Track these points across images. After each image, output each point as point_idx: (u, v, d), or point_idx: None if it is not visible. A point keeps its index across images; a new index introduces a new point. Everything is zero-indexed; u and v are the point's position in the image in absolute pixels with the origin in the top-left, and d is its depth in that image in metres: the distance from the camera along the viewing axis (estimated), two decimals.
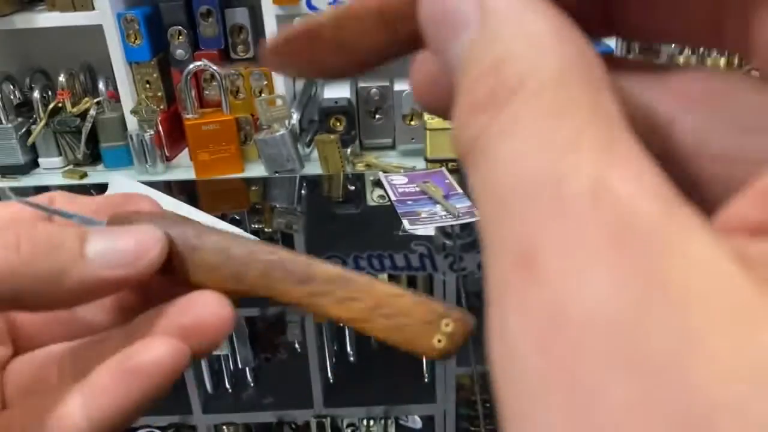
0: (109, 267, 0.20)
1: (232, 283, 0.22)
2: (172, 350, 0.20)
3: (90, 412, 0.20)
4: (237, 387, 0.72)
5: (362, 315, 0.21)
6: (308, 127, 1.22)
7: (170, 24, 1.20)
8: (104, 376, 0.20)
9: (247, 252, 0.22)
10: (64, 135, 1.23)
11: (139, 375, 0.20)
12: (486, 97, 0.11)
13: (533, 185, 0.10)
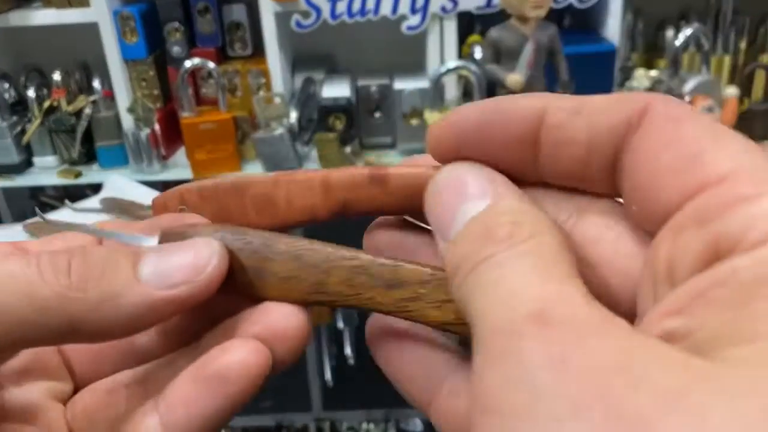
0: (165, 287, 0.19)
1: (312, 294, 0.21)
2: (253, 352, 0.19)
3: (169, 426, 0.20)
4: None
5: (461, 318, 0.19)
6: (307, 125, 1.20)
7: (167, 21, 1.19)
8: (180, 387, 0.20)
9: (325, 258, 0.20)
10: (59, 134, 1.22)
11: (218, 380, 0.19)
12: (500, 233, 0.15)
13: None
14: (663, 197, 0.15)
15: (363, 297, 0.20)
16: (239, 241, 0.21)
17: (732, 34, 1.22)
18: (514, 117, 0.18)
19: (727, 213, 0.13)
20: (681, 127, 0.15)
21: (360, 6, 1.13)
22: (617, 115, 0.16)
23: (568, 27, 1.25)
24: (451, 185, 0.18)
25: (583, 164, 0.17)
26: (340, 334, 0.78)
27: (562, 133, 0.17)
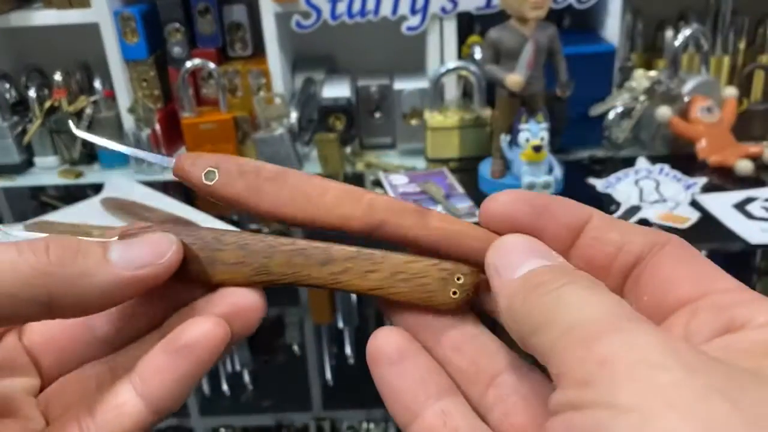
0: (130, 269, 0.22)
1: (256, 275, 0.24)
2: (216, 325, 0.23)
3: (145, 394, 0.23)
4: (235, 389, 0.71)
5: (383, 283, 0.24)
6: (307, 125, 1.20)
7: (167, 21, 1.19)
8: (153, 359, 0.23)
9: (267, 245, 0.24)
10: (60, 134, 1.22)
11: (188, 350, 0.22)
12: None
13: None
14: (677, 293, 0.21)
15: (300, 274, 0.24)
16: (192, 236, 0.24)
17: (731, 34, 1.22)
18: (566, 216, 0.23)
19: (735, 308, 0.19)
20: (693, 255, 0.22)
21: (360, 7, 1.13)
22: (648, 237, 0.23)
23: (567, 27, 1.25)
24: (526, 243, 0.23)
25: (608, 260, 0.23)
26: (340, 333, 0.79)
27: (602, 234, 0.23)
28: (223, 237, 0.24)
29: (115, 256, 0.22)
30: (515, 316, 0.21)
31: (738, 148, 1.08)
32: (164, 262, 0.23)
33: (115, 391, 0.23)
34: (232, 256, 0.24)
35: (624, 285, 0.23)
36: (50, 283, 0.21)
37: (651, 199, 0.99)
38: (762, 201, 0.97)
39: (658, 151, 1.15)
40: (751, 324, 0.19)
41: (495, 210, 0.24)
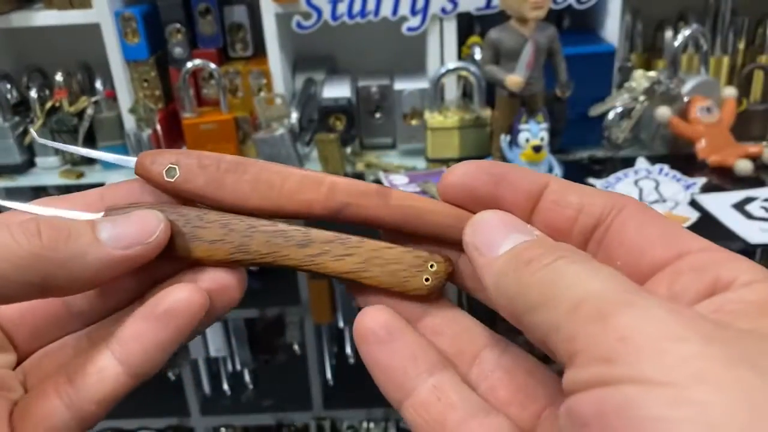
0: (121, 247, 0.22)
1: (237, 253, 0.24)
2: (195, 291, 0.23)
3: (124, 359, 0.23)
4: (235, 389, 0.71)
5: (358, 267, 0.25)
6: (308, 126, 1.21)
7: (168, 22, 1.19)
8: (131, 325, 0.23)
9: (248, 225, 0.25)
10: (62, 134, 1.22)
11: (168, 316, 0.23)
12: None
13: None
14: (650, 257, 0.21)
15: (278, 254, 0.25)
16: (175, 214, 0.25)
17: (730, 34, 1.22)
18: (524, 182, 0.23)
19: (717, 267, 0.19)
20: (655, 216, 0.22)
21: (360, 7, 1.14)
22: (607, 199, 0.23)
23: (567, 28, 1.25)
24: (502, 219, 0.23)
25: (569, 223, 0.23)
26: (340, 333, 0.79)
27: (560, 197, 0.23)
28: (205, 215, 0.25)
29: (105, 235, 0.22)
30: (507, 294, 0.21)
31: (737, 148, 1.09)
32: (153, 241, 0.23)
33: (94, 357, 0.23)
34: (212, 234, 0.24)
35: (586, 247, 0.23)
36: (43, 266, 0.21)
37: (650, 199, 0.99)
38: (761, 201, 0.97)
39: (658, 151, 1.15)
40: (737, 283, 0.19)
41: (454, 182, 0.24)
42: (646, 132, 1.17)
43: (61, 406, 0.23)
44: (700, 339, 0.16)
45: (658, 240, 0.21)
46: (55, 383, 0.23)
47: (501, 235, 0.22)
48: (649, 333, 0.16)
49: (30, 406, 0.23)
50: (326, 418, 0.67)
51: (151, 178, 0.25)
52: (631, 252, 0.22)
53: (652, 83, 1.10)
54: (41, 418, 0.23)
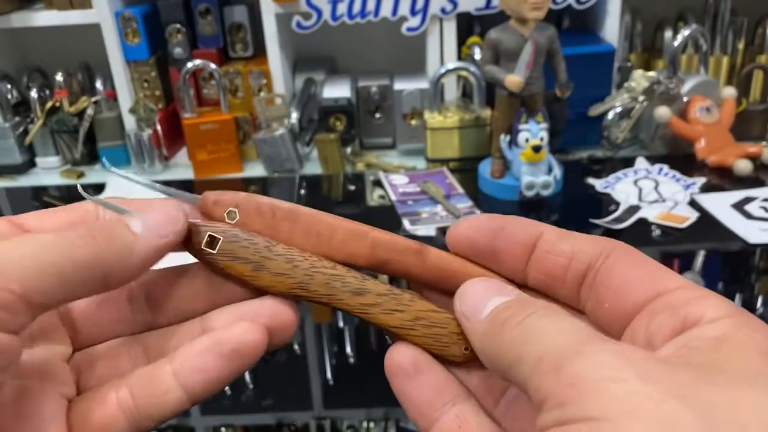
0: (158, 237, 0.25)
1: (296, 289, 0.26)
2: (260, 334, 0.25)
3: (188, 387, 0.25)
4: (236, 389, 0.71)
5: (406, 324, 0.26)
6: (308, 126, 1.21)
7: (168, 22, 1.20)
8: (200, 357, 0.25)
9: (310, 264, 0.26)
10: (62, 134, 1.22)
11: (233, 355, 0.25)
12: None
13: None
14: (633, 298, 0.23)
15: (334, 297, 0.26)
16: (247, 240, 0.26)
17: (730, 35, 1.22)
18: (519, 234, 0.26)
19: (688, 306, 0.21)
20: (640, 258, 0.24)
21: (360, 7, 1.14)
22: (596, 245, 0.25)
23: (566, 28, 1.25)
24: (483, 285, 0.25)
25: (562, 270, 0.25)
26: (341, 333, 0.79)
27: (553, 246, 0.25)
28: (273, 247, 0.26)
29: (139, 229, 0.25)
30: (489, 355, 0.23)
31: (737, 148, 1.09)
32: (181, 228, 0.26)
33: (159, 379, 0.25)
34: (278, 266, 0.26)
35: (579, 292, 0.25)
36: (103, 263, 0.24)
37: (650, 199, 0.99)
38: (761, 201, 0.97)
39: (657, 151, 1.16)
40: (703, 320, 0.21)
41: (458, 235, 0.27)
42: (646, 132, 1.17)
43: (122, 418, 0.25)
44: (637, 378, 0.18)
45: (639, 281, 0.23)
46: (116, 394, 0.25)
47: (483, 300, 0.24)
48: (592, 377, 0.18)
49: (91, 411, 0.25)
50: (326, 417, 0.67)
51: (213, 217, 0.28)
52: (617, 294, 0.23)
53: (652, 83, 1.10)
54: (101, 426, 0.25)
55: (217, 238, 0.27)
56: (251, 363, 0.26)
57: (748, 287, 0.81)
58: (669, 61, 1.12)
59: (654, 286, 0.23)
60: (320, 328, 0.80)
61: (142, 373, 0.26)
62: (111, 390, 0.26)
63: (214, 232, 0.27)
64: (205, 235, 0.27)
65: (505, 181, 1.03)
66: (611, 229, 0.92)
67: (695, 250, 0.87)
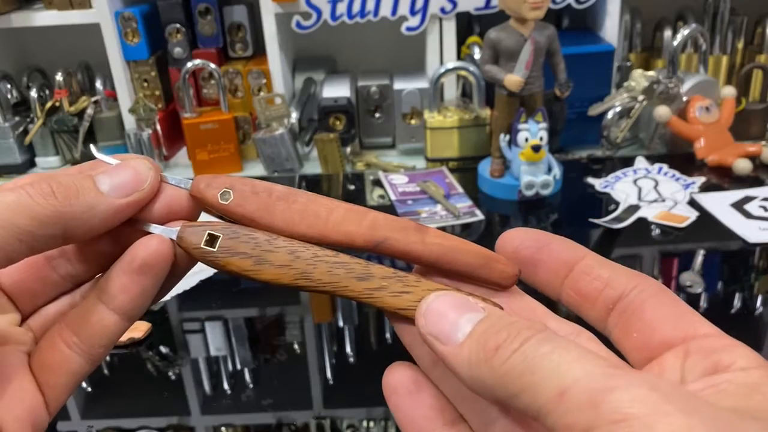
0: (122, 196, 0.26)
1: (300, 279, 0.26)
2: (162, 243, 0.26)
3: (117, 309, 0.27)
4: (236, 388, 0.71)
5: (413, 305, 0.25)
6: (308, 126, 1.21)
7: (168, 22, 1.20)
8: (117, 280, 0.27)
9: (312, 254, 0.26)
10: (62, 134, 1.22)
11: (144, 268, 0.26)
12: None
13: None
14: (663, 334, 0.24)
15: (338, 285, 0.26)
16: (247, 236, 0.26)
17: (729, 34, 1.23)
18: (564, 253, 0.27)
19: (720, 352, 0.22)
20: (674, 299, 0.25)
21: (360, 7, 1.14)
22: (632, 278, 0.25)
23: (566, 27, 1.25)
24: (447, 301, 0.24)
25: (596, 293, 0.26)
26: (340, 332, 0.79)
27: (592, 270, 0.26)
28: (274, 240, 0.26)
29: (106, 187, 0.26)
30: (485, 384, 0.22)
31: (736, 148, 1.09)
32: (147, 188, 0.27)
33: (92, 311, 0.27)
34: (280, 259, 0.26)
35: (608, 317, 0.26)
36: (63, 221, 0.25)
37: (649, 199, 0.99)
38: (760, 200, 0.97)
39: (657, 151, 1.16)
40: (735, 366, 0.22)
41: (508, 239, 0.28)
42: (645, 131, 1.17)
43: (74, 355, 0.27)
44: (680, 413, 0.18)
45: (670, 320, 0.24)
46: (61, 336, 0.27)
47: (453, 319, 0.24)
48: (637, 413, 0.18)
49: (45, 357, 0.27)
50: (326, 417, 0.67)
51: (205, 199, 0.27)
52: (646, 327, 0.24)
53: (651, 83, 1.10)
54: (58, 365, 0.27)
55: (216, 235, 0.26)
56: (163, 270, 0.27)
57: (747, 287, 0.81)
58: (668, 60, 1.12)
59: (685, 328, 0.24)
60: (320, 328, 0.81)
61: (76, 311, 0.28)
62: (55, 334, 0.28)
63: (212, 230, 0.26)
64: (205, 234, 0.26)
65: (505, 180, 1.03)
66: (611, 228, 0.92)
67: (695, 250, 0.87)
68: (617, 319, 0.25)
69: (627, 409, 0.18)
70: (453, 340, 0.23)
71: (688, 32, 1.12)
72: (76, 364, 0.27)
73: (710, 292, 0.80)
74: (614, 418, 0.18)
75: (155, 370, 0.75)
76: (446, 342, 0.23)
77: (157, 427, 0.68)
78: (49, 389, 0.27)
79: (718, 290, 0.81)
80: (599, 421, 0.18)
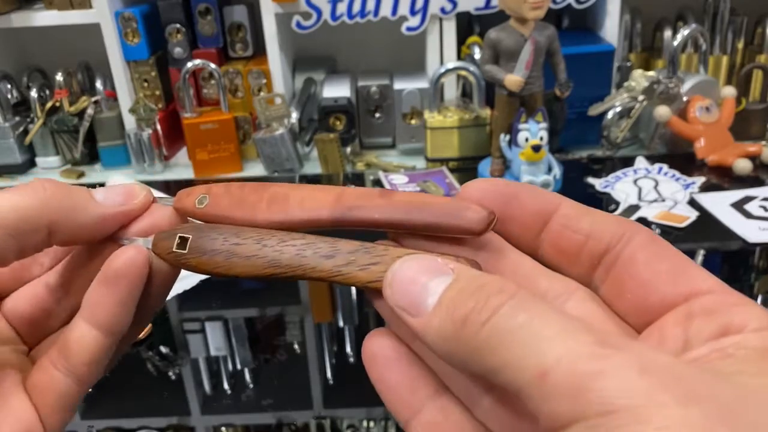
0: (112, 206, 0.27)
1: (269, 268, 0.26)
2: (136, 252, 0.26)
3: (94, 323, 0.26)
4: (236, 388, 0.71)
5: (382, 275, 0.24)
6: (308, 126, 1.21)
7: (168, 22, 1.20)
8: (93, 293, 0.26)
9: (279, 240, 0.26)
10: (62, 134, 1.22)
11: (117, 278, 0.26)
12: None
13: None
14: (661, 294, 0.21)
15: (308, 267, 0.25)
16: (215, 232, 0.27)
17: (729, 34, 1.23)
18: (534, 203, 0.24)
19: (730, 311, 0.20)
20: (665, 248, 0.22)
21: (360, 7, 1.14)
22: (618, 226, 0.23)
23: (566, 27, 1.25)
24: (414, 266, 0.22)
25: (577, 247, 0.23)
26: (341, 332, 0.79)
27: (570, 222, 0.23)
28: (242, 232, 0.26)
29: (99, 197, 0.27)
30: (460, 359, 0.20)
31: (736, 148, 1.09)
32: (137, 203, 0.28)
33: (72, 328, 0.27)
34: (247, 250, 0.26)
35: (594, 272, 0.23)
36: (49, 213, 0.25)
37: (649, 199, 0.99)
38: (760, 200, 0.97)
39: (657, 151, 1.16)
40: (747, 329, 0.20)
41: (468, 196, 0.25)
42: (645, 131, 1.17)
43: (60, 375, 0.27)
44: (676, 403, 0.16)
45: (667, 276, 0.22)
46: (49, 358, 0.27)
47: (420, 287, 0.21)
48: (626, 404, 0.16)
49: (36, 379, 0.28)
50: (326, 417, 0.67)
51: (185, 209, 0.28)
52: (640, 286, 0.22)
53: (651, 83, 1.10)
54: (47, 387, 0.27)
55: (186, 237, 0.27)
56: (138, 279, 0.26)
57: (747, 286, 0.81)
58: (668, 60, 1.12)
59: (685, 284, 0.21)
60: (320, 328, 0.81)
61: (62, 332, 0.28)
62: (43, 355, 0.28)
63: (182, 232, 0.27)
64: (176, 238, 0.27)
65: None
66: None
67: (695, 250, 0.87)
68: (605, 276, 0.23)
69: (616, 399, 0.16)
70: (422, 310, 0.21)
71: (688, 32, 1.12)
72: (64, 384, 0.27)
73: None
74: (602, 410, 0.16)
75: (155, 370, 0.75)
76: (416, 313, 0.21)
77: (157, 427, 0.68)
78: (43, 409, 0.27)
79: None
80: (586, 413, 0.17)
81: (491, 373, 0.19)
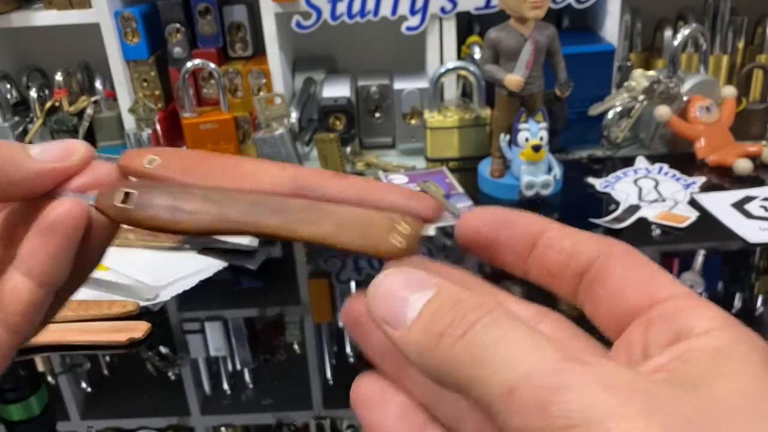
0: (48, 162, 0.26)
1: (216, 223, 0.26)
2: (74, 203, 0.26)
3: (28, 273, 0.26)
4: (236, 388, 0.71)
5: (331, 230, 0.25)
6: (307, 125, 1.21)
7: (168, 22, 1.19)
8: (28, 243, 0.26)
9: (227, 195, 0.26)
10: (61, 134, 1.22)
11: (53, 228, 0.26)
12: None
13: None
14: (627, 302, 0.22)
15: (256, 222, 0.25)
16: (162, 188, 0.27)
17: (730, 34, 1.22)
18: (523, 228, 0.25)
19: (684, 315, 0.21)
20: (639, 260, 0.23)
21: (360, 7, 1.14)
22: (597, 244, 0.24)
23: (566, 27, 1.25)
24: (398, 279, 0.22)
25: (562, 267, 0.24)
26: (340, 332, 0.79)
27: (554, 243, 0.24)
28: (190, 189, 0.26)
29: (35, 152, 0.27)
30: (438, 374, 0.20)
31: (737, 148, 1.09)
32: (75, 158, 0.27)
33: (6, 279, 0.27)
34: (194, 205, 0.26)
35: (577, 290, 0.24)
36: None
37: (650, 199, 0.99)
38: (760, 200, 0.97)
39: (657, 151, 1.16)
40: (697, 330, 0.20)
41: (466, 226, 0.26)
42: (646, 131, 1.17)
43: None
44: (637, 414, 0.17)
45: (634, 285, 0.22)
46: None
47: (402, 299, 0.22)
48: (590, 416, 0.17)
49: None
50: (326, 417, 0.67)
51: (131, 167, 0.28)
52: (612, 298, 0.23)
53: (652, 82, 1.10)
54: None
55: (131, 192, 0.26)
56: (74, 231, 0.26)
57: (748, 287, 0.81)
58: (669, 60, 1.12)
59: (648, 292, 0.22)
60: (320, 328, 0.81)
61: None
62: None
63: (128, 188, 0.27)
64: (121, 193, 0.26)
65: (505, 180, 1.03)
66: (611, 228, 0.92)
67: (695, 250, 0.87)
68: (586, 291, 0.24)
69: (579, 413, 0.17)
70: (402, 323, 0.21)
71: (688, 32, 1.12)
72: (2, 340, 0.27)
73: (710, 293, 0.80)
74: (565, 423, 0.17)
75: (155, 370, 0.75)
76: (396, 326, 0.21)
77: (157, 427, 0.68)
78: None
79: (719, 290, 0.81)
80: (551, 426, 0.17)
81: (465, 388, 0.19)
